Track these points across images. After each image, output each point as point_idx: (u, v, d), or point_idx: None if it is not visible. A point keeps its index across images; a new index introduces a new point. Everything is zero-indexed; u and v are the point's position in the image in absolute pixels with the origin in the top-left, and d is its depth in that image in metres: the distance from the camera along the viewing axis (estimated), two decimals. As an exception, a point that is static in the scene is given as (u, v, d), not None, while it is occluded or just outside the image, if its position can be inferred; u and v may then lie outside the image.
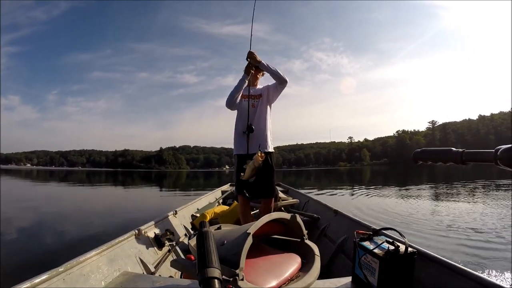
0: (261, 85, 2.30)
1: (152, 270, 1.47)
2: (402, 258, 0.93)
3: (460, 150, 0.61)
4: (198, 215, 2.63)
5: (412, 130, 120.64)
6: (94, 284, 1.06)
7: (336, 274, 1.44)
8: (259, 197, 2.18)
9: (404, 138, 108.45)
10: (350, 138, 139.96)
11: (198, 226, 0.75)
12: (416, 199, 7.57)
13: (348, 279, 1.07)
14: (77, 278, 1.02)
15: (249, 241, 0.90)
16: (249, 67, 2.10)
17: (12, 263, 2.87)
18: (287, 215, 1.17)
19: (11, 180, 20.94)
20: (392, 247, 0.94)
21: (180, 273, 1.48)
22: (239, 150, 2.12)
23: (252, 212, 2.43)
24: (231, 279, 0.81)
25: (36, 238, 4.09)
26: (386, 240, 1.02)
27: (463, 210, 5.57)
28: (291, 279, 0.98)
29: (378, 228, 1.16)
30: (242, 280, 0.82)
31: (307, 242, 1.19)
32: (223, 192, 4.46)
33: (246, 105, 2.13)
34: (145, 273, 1.40)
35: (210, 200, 3.74)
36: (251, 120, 2.11)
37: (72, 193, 12.69)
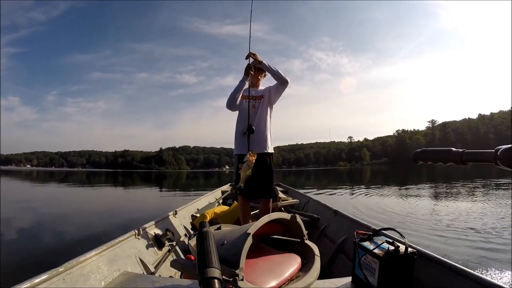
0: (262, 86, 2.30)
1: (152, 270, 1.48)
2: (402, 258, 0.93)
3: (460, 150, 0.61)
4: (198, 215, 2.64)
5: (412, 129, 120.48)
6: (94, 284, 1.06)
7: (336, 274, 1.44)
8: (257, 197, 2.19)
9: (404, 138, 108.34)
10: (350, 137, 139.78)
11: (198, 226, 0.75)
12: (415, 198, 7.56)
13: (348, 279, 1.07)
14: (77, 278, 1.02)
15: (249, 241, 0.91)
16: (248, 68, 2.10)
17: (12, 263, 2.87)
18: (287, 215, 1.17)
19: (11, 181, 20.92)
20: (392, 247, 0.94)
21: (180, 273, 1.48)
22: (240, 151, 2.13)
23: (252, 212, 2.43)
24: (231, 279, 0.81)
25: (36, 238, 4.09)
26: (386, 240, 1.02)
27: (463, 209, 5.56)
28: (291, 279, 0.98)
29: (378, 228, 1.16)
30: (242, 280, 0.83)
31: (307, 242, 1.19)
32: (223, 192, 4.47)
33: (246, 106, 2.14)
34: (145, 273, 1.39)
35: (210, 200, 3.74)
36: (252, 121, 2.12)
37: (72, 194, 12.69)
